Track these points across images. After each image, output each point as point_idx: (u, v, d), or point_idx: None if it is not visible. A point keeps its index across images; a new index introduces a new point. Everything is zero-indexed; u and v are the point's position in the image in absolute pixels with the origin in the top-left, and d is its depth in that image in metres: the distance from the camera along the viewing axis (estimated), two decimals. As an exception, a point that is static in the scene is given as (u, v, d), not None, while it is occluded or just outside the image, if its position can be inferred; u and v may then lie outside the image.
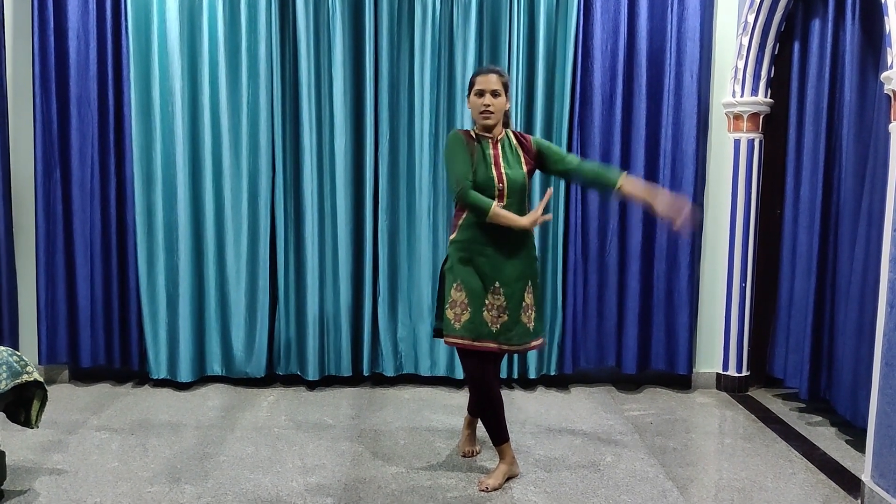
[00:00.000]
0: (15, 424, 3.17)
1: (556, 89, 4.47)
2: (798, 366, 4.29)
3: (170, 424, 3.98)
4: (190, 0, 4.38)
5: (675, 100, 4.48)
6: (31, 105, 4.37)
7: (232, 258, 4.55)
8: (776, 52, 4.48)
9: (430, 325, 4.47)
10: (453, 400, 4.42)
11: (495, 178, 3.14)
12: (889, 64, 3.00)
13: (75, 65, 4.37)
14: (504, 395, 4.39)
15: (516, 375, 4.65)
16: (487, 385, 3.24)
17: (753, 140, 4.53)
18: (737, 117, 4.53)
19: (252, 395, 4.46)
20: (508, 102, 3.25)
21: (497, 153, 3.19)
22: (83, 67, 4.38)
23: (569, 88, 4.43)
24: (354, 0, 4.41)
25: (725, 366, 4.69)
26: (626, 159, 4.53)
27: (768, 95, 4.53)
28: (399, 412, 4.22)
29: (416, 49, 4.46)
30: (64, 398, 4.36)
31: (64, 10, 4.34)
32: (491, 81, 3.16)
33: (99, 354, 4.55)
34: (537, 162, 3.29)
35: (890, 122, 3.05)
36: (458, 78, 4.44)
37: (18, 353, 3.07)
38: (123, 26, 4.34)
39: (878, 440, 3.01)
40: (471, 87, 3.22)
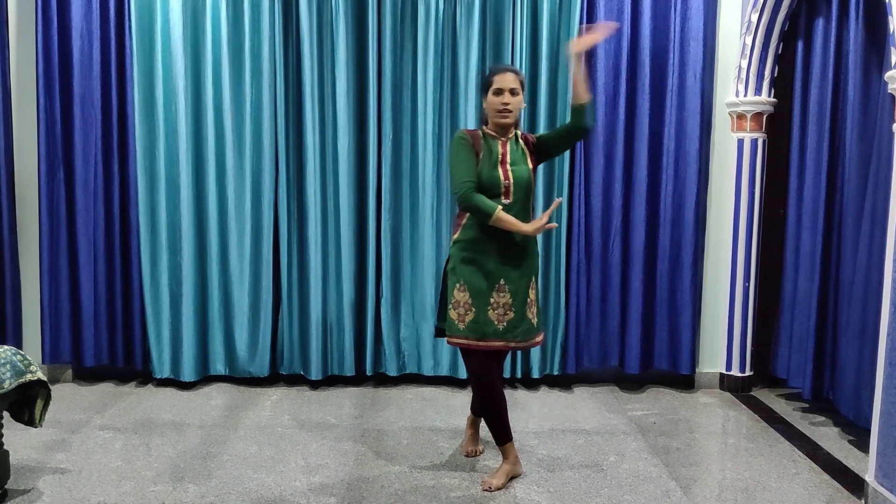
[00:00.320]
0: (19, 423, 3.17)
1: (560, 89, 4.46)
2: (801, 366, 4.28)
3: (173, 424, 3.98)
4: (193, 0, 4.38)
5: (679, 99, 4.48)
6: (35, 104, 4.37)
7: (235, 258, 4.55)
8: (780, 52, 4.47)
9: (433, 325, 4.48)
10: (456, 400, 4.42)
11: (501, 176, 3.15)
12: (892, 64, 2.99)
13: (79, 64, 4.37)
14: (507, 395, 4.39)
15: (519, 375, 4.65)
16: (491, 384, 3.25)
17: (757, 140, 4.53)
18: (740, 117, 4.53)
19: (255, 395, 4.47)
20: (524, 102, 3.25)
21: (505, 151, 3.20)
22: (87, 67, 4.38)
23: (572, 88, 4.42)
24: (357, 0, 4.41)
25: (729, 366, 4.68)
26: (630, 158, 4.53)
27: (772, 95, 4.53)
28: (402, 412, 4.23)
29: (420, 49, 4.46)
30: (67, 397, 4.37)
31: (67, 10, 4.34)
32: (509, 80, 3.16)
33: (102, 354, 4.55)
34: (542, 152, 3.33)
35: (893, 122, 3.06)
36: (462, 78, 4.44)
37: (22, 353, 3.08)
38: (127, 25, 4.35)
39: (882, 440, 3.01)
40: (487, 86, 3.21)
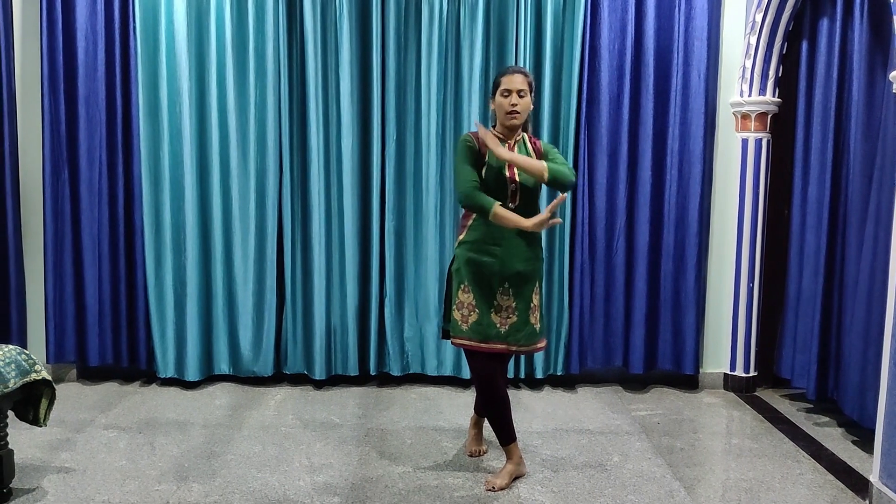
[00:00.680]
0: (23, 423, 3.19)
1: (564, 89, 4.46)
2: (805, 366, 4.28)
3: (177, 423, 3.99)
4: (198, 1, 4.39)
5: (683, 99, 4.48)
6: (40, 105, 4.39)
7: (239, 258, 4.56)
8: (784, 52, 4.46)
9: (437, 326, 4.49)
10: (460, 399, 4.42)
11: (508, 178, 3.16)
12: (897, 63, 2.99)
13: (83, 65, 4.39)
14: (511, 395, 4.39)
15: (523, 375, 4.65)
16: (495, 385, 3.25)
17: (761, 140, 4.52)
18: (744, 117, 4.52)
19: (259, 394, 4.47)
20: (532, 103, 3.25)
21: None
22: (91, 68, 4.39)
23: (576, 88, 4.43)
24: (361, 0, 4.42)
25: (733, 366, 4.68)
26: (634, 158, 4.52)
27: (776, 95, 4.52)
28: (406, 412, 4.23)
29: (423, 49, 4.46)
30: (72, 397, 4.38)
31: (72, 11, 4.35)
32: (517, 81, 3.16)
33: (107, 353, 4.56)
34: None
35: (898, 122, 3.05)
36: (465, 78, 4.44)
37: (27, 352, 3.09)
38: (131, 27, 4.36)
39: (887, 441, 3.00)
40: (496, 88, 3.22)
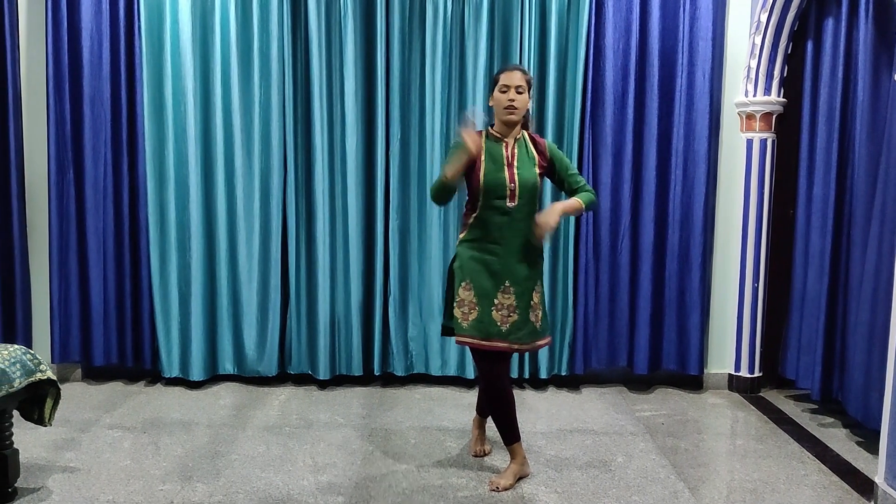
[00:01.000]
0: (28, 422, 3.19)
1: (568, 89, 4.46)
2: (810, 367, 4.27)
3: (182, 423, 3.99)
4: (202, 0, 4.40)
5: (688, 99, 4.47)
6: (45, 105, 4.40)
7: (244, 257, 4.56)
8: (789, 52, 4.46)
9: (440, 325, 4.48)
10: (464, 399, 4.42)
11: (507, 179, 3.16)
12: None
13: (88, 65, 4.39)
14: (515, 396, 4.38)
15: (527, 375, 4.64)
16: (499, 384, 3.25)
17: (766, 140, 4.51)
18: (749, 117, 4.52)
19: (263, 394, 4.48)
20: (530, 101, 3.28)
21: (513, 154, 3.21)
22: (96, 67, 4.40)
23: (580, 88, 4.43)
24: (366, 0, 4.42)
25: (737, 366, 4.67)
26: (638, 159, 4.52)
27: (781, 95, 4.51)
28: (410, 411, 4.23)
29: (428, 49, 4.46)
30: (77, 396, 4.39)
31: (77, 11, 4.36)
32: (515, 78, 3.19)
33: (111, 353, 4.57)
34: (548, 166, 3.30)
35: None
36: (470, 78, 4.44)
37: (32, 352, 3.10)
38: (136, 26, 4.36)
39: (892, 442, 2.99)
40: (494, 84, 3.25)
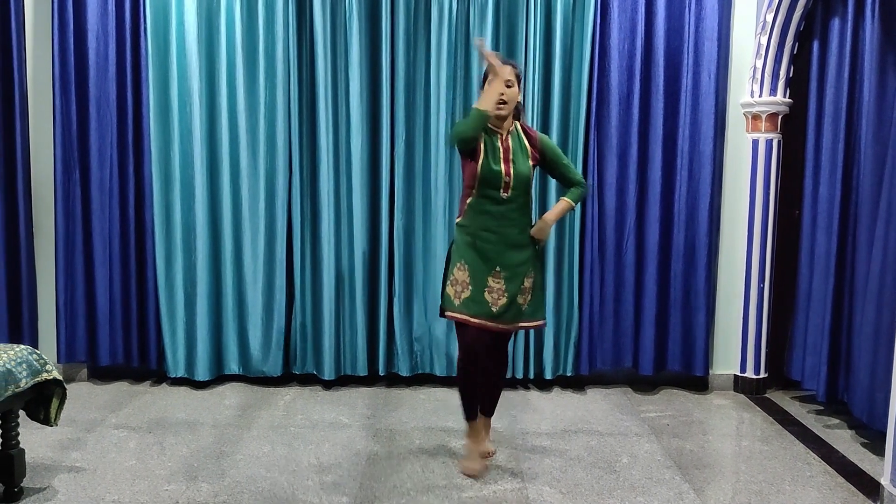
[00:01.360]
0: (34, 422, 3.20)
1: (573, 89, 4.46)
2: (815, 368, 4.26)
3: (187, 423, 4.00)
4: (208, 1, 4.41)
5: (693, 99, 4.46)
6: (51, 106, 4.41)
7: (249, 258, 4.57)
8: (795, 52, 4.44)
9: (446, 325, 4.51)
10: (469, 400, 4.42)
11: (503, 172, 3.26)
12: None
13: (94, 66, 4.41)
14: (520, 396, 4.39)
15: (532, 376, 4.64)
16: (475, 360, 3.32)
17: (772, 140, 4.50)
18: (755, 117, 4.51)
19: (269, 394, 4.48)
20: (520, 94, 3.37)
21: (507, 147, 3.31)
22: (102, 68, 4.41)
23: (585, 88, 4.43)
24: (371, 1, 4.42)
25: (743, 367, 4.66)
26: (643, 159, 4.51)
27: (787, 95, 4.50)
28: (414, 412, 4.23)
29: (433, 49, 4.46)
30: (82, 396, 4.40)
31: (83, 12, 4.37)
32: (505, 72, 3.25)
33: (117, 353, 4.58)
34: (540, 158, 3.42)
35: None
36: (474, 78, 4.43)
37: (38, 352, 3.11)
38: (142, 27, 4.37)
39: (898, 443, 2.98)
40: (485, 79, 3.34)
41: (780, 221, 4.59)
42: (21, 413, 3.11)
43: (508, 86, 3.26)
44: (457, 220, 3.41)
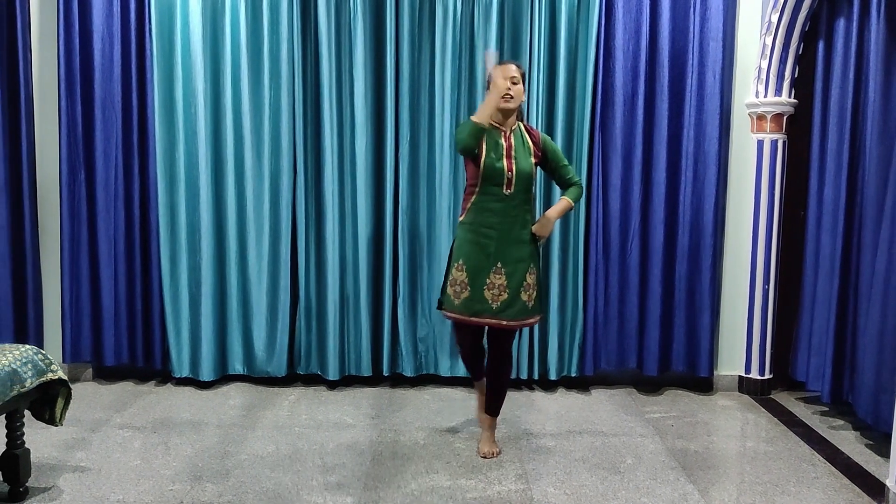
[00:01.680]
0: (40, 422, 3.21)
1: (578, 90, 4.45)
2: (820, 369, 4.25)
3: (192, 423, 4.01)
4: (213, 2, 4.41)
5: (698, 100, 4.45)
6: (57, 107, 4.42)
7: (253, 258, 4.58)
8: (800, 52, 4.44)
9: (450, 325, 4.51)
10: (473, 400, 4.40)
11: (505, 168, 3.35)
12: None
13: (100, 67, 4.42)
14: (524, 397, 4.39)
15: (537, 377, 4.63)
16: (464, 358, 3.72)
17: (777, 141, 4.49)
18: (760, 118, 4.50)
19: (273, 395, 4.49)
20: (525, 92, 3.51)
21: (510, 144, 3.39)
22: (107, 69, 4.42)
23: (590, 89, 4.42)
24: (376, 1, 4.43)
25: (748, 368, 4.65)
26: (648, 160, 4.51)
27: (792, 96, 4.49)
28: (419, 412, 4.23)
29: (437, 50, 4.46)
30: (87, 396, 4.41)
31: (89, 13, 4.38)
32: (511, 70, 3.39)
33: (122, 353, 4.59)
34: (542, 156, 3.51)
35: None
36: (479, 79, 4.43)
37: (43, 352, 3.11)
38: (147, 28, 4.38)
39: (903, 444, 2.98)
40: (489, 83, 3.43)
41: (785, 222, 4.58)
42: (26, 413, 3.11)
43: (514, 83, 3.36)
44: (459, 219, 3.49)
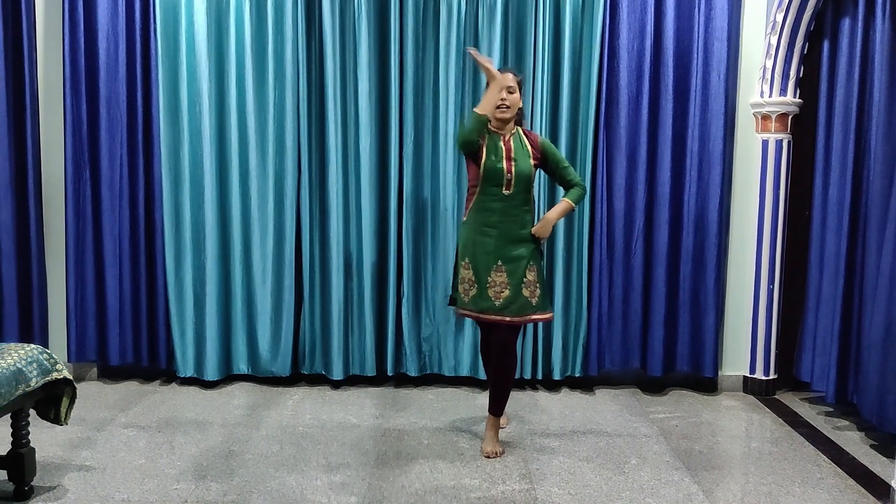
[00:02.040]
0: (45, 421, 3.22)
1: (582, 90, 4.45)
2: (825, 369, 4.24)
3: (196, 422, 4.01)
4: (217, 2, 4.42)
5: (702, 100, 4.45)
6: (62, 106, 4.43)
7: (258, 258, 4.58)
8: (805, 52, 4.43)
9: (454, 324, 4.55)
10: (477, 400, 4.42)
11: (505, 169, 3.44)
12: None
13: (105, 66, 4.43)
14: (528, 397, 4.39)
15: (541, 377, 4.63)
16: (483, 354, 3.85)
17: (782, 141, 4.48)
18: (765, 118, 4.49)
19: (277, 394, 4.49)
20: (521, 100, 3.60)
21: (509, 147, 3.49)
22: (112, 69, 4.43)
23: (595, 89, 4.42)
24: (380, 1, 4.43)
25: (752, 368, 4.64)
26: (653, 160, 4.50)
27: (797, 96, 4.48)
28: (423, 412, 4.23)
29: (442, 50, 4.46)
30: (92, 396, 4.42)
31: (94, 13, 4.39)
32: (507, 79, 3.48)
33: (127, 353, 4.60)
34: (541, 158, 3.59)
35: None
36: (483, 79, 4.40)
37: (48, 351, 3.12)
38: (152, 28, 4.39)
39: (908, 445, 2.97)
40: (488, 86, 3.53)
41: (790, 222, 4.58)
42: (31, 412, 3.12)
43: (510, 92, 3.47)
44: (463, 219, 3.59)
